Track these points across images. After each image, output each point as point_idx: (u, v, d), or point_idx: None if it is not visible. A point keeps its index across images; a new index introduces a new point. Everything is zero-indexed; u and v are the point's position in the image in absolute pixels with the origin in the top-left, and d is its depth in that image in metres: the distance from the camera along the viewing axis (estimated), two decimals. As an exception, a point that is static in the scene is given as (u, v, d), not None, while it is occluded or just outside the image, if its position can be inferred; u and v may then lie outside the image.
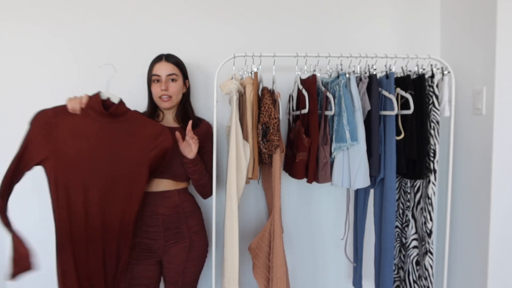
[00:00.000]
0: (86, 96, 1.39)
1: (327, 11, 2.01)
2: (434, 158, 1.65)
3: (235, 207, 1.55)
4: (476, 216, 1.71)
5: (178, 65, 1.68)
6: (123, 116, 1.40)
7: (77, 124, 1.33)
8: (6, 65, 1.89)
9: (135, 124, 1.41)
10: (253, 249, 1.72)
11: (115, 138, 1.36)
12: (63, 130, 1.31)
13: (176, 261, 1.63)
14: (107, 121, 1.36)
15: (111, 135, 1.36)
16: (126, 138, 1.38)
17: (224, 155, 1.91)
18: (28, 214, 1.95)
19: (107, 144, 1.35)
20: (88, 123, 1.34)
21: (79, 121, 1.33)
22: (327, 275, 2.12)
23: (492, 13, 1.60)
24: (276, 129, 1.54)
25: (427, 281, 1.72)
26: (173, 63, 1.67)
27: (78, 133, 1.32)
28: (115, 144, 1.36)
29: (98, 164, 1.35)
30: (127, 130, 1.39)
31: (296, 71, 1.71)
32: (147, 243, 1.60)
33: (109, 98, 1.39)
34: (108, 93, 1.39)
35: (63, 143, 1.31)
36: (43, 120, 1.32)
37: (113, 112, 1.37)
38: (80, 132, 1.32)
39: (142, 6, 1.93)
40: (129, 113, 1.42)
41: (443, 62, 1.68)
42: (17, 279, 1.34)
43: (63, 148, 1.31)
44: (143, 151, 1.40)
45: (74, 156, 1.32)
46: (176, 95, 1.66)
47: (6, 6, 1.87)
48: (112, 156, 1.36)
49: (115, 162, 1.37)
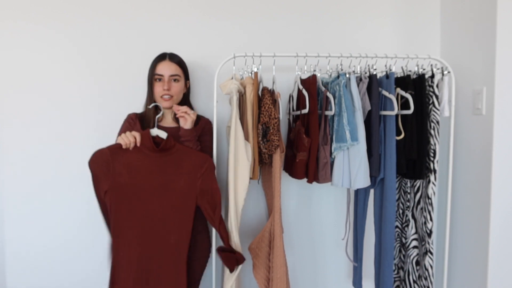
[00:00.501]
0: (139, 134, 1.49)
1: (327, 11, 2.01)
2: (434, 158, 1.65)
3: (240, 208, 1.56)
4: (476, 216, 1.71)
5: (181, 65, 1.69)
6: (171, 149, 1.51)
7: (130, 159, 1.47)
8: (6, 65, 1.89)
9: (182, 156, 1.52)
10: (253, 249, 1.72)
11: (165, 170, 1.49)
12: (119, 165, 1.46)
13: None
14: (157, 155, 1.49)
15: (161, 168, 1.49)
16: (175, 169, 1.50)
17: (224, 155, 1.91)
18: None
19: (158, 176, 1.48)
20: (140, 158, 1.48)
21: (132, 156, 1.48)
22: (327, 275, 2.12)
23: (492, 13, 1.60)
24: (276, 129, 1.54)
25: (427, 281, 1.72)
26: (177, 63, 1.67)
27: (132, 167, 1.47)
28: (165, 176, 1.49)
29: (151, 195, 1.48)
30: (175, 162, 1.51)
31: (296, 71, 1.71)
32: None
33: (158, 135, 1.52)
34: (156, 131, 1.52)
35: (120, 177, 1.46)
36: (101, 159, 1.46)
37: (164, 147, 1.50)
38: (134, 166, 1.47)
39: (143, 5, 1.93)
40: (176, 146, 1.53)
41: (443, 62, 1.68)
42: None
43: (119, 180, 1.46)
44: (190, 180, 1.51)
45: (130, 188, 1.46)
46: (178, 95, 1.66)
47: (6, 6, 1.87)
48: (163, 187, 1.48)
49: (166, 193, 1.49)
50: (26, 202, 1.94)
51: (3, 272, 1.95)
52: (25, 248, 1.95)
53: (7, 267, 1.95)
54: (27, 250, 1.95)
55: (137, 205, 1.46)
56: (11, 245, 1.94)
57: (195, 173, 1.50)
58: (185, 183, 1.49)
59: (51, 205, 1.94)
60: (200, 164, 1.52)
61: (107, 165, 1.45)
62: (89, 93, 1.93)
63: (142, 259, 1.47)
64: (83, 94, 1.92)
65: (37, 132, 1.91)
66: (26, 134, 1.91)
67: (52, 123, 1.92)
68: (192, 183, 1.50)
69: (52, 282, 1.97)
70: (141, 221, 1.47)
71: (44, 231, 1.95)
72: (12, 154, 1.92)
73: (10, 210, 1.94)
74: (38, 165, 1.92)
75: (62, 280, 1.98)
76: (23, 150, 1.91)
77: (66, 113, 1.92)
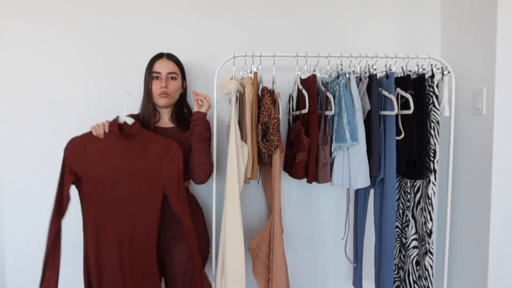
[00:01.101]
0: (108, 122, 1.54)
1: (327, 11, 2.01)
2: (434, 158, 1.65)
3: (238, 208, 1.55)
4: (476, 216, 1.71)
5: (178, 64, 1.69)
6: (137, 136, 1.55)
7: (101, 147, 1.52)
8: (6, 65, 1.89)
9: (148, 142, 1.56)
10: (253, 249, 1.72)
11: (133, 157, 1.53)
12: (90, 153, 1.51)
13: (177, 261, 1.62)
14: (125, 141, 1.54)
15: (129, 154, 1.53)
16: (142, 155, 1.54)
17: (224, 155, 1.91)
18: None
19: (126, 163, 1.52)
20: (109, 145, 1.52)
21: (103, 143, 1.52)
22: (327, 275, 2.12)
23: (492, 13, 1.60)
24: (276, 129, 1.54)
25: (427, 281, 1.72)
26: (174, 62, 1.67)
27: (102, 154, 1.51)
28: (133, 162, 1.53)
29: (120, 181, 1.51)
30: (142, 148, 1.54)
31: (296, 71, 1.71)
32: None
33: (125, 121, 1.55)
34: (124, 118, 1.55)
35: (91, 164, 1.50)
36: (74, 146, 1.51)
37: (127, 132, 1.54)
38: (104, 154, 1.51)
39: (143, 5, 1.93)
40: (143, 133, 1.57)
41: (443, 62, 1.68)
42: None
43: (91, 168, 1.50)
44: (158, 165, 1.54)
45: (101, 175, 1.50)
46: (175, 93, 1.66)
47: (6, 6, 1.87)
48: (131, 173, 1.52)
49: (135, 179, 1.52)
50: (26, 201, 1.94)
51: (3, 270, 1.95)
52: (25, 247, 1.95)
53: (7, 266, 1.95)
54: (27, 248, 1.95)
55: (108, 192, 1.50)
56: (11, 243, 1.95)
57: (162, 158, 1.53)
58: (153, 168, 1.53)
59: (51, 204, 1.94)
60: (166, 149, 1.54)
61: (80, 153, 1.50)
62: (89, 93, 1.93)
63: (115, 243, 1.51)
64: (83, 94, 1.92)
65: (36, 131, 1.91)
66: (25, 133, 1.91)
67: (51, 122, 1.92)
68: (159, 169, 1.53)
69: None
70: (112, 207, 1.50)
71: (44, 230, 1.95)
72: (12, 154, 1.92)
73: (10, 210, 1.94)
74: (37, 164, 1.92)
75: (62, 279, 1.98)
76: (22, 149, 1.91)
77: (66, 113, 1.92)
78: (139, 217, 1.52)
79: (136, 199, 1.52)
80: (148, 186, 1.52)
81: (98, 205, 1.50)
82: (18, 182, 1.92)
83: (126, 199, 1.51)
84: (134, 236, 1.52)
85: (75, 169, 1.49)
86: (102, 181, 1.50)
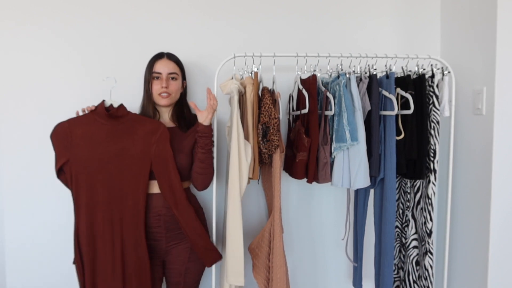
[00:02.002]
0: (93, 106, 1.57)
1: (327, 11, 2.01)
2: (434, 158, 1.65)
3: (239, 208, 1.55)
4: (476, 216, 1.71)
5: (178, 64, 1.69)
6: (124, 117, 1.58)
7: (88, 130, 1.54)
8: (7, 65, 1.89)
9: (135, 123, 1.58)
10: (253, 249, 1.72)
11: (120, 138, 1.55)
12: (77, 136, 1.53)
13: (178, 261, 1.63)
14: (112, 123, 1.55)
15: (116, 136, 1.55)
16: (129, 136, 1.56)
17: (223, 155, 1.91)
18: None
19: (113, 144, 1.54)
20: (97, 128, 1.54)
21: (90, 127, 1.54)
22: (327, 275, 2.12)
23: (492, 13, 1.60)
24: (276, 129, 1.54)
25: (427, 281, 1.72)
26: (175, 62, 1.67)
27: (89, 137, 1.53)
28: (121, 143, 1.55)
29: (108, 163, 1.53)
30: (129, 130, 1.57)
31: (296, 71, 1.71)
32: (149, 244, 1.59)
33: (112, 104, 1.58)
34: (111, 100, 1.58)
35: (78, 147, 1.52)
36: (61, 131, 1.53)
37: (114, 114, 1.55)
38: (91, 137, 1.53)
39: (142, 5, 1.93)
40: (129, 115, 1.59)
41: (443, 62, 1.68)
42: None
43: (79, 151, 1.52)
44: (145, 145, 1.56)
45: (89, 157, 1.52)
46: (175, 93, 1.66)
47: (6, 6, 1.86)
48: (119, 154, 1.54)
49: (123, 160, 1.54)
50: (26, 201, 1.94)
51: (3, 269, 1.95)
52: (25, 246, 1.95)
53: (6, 265, 1.95)
54: (26, 247, 1.95)
55: (97, 174, 1.52)
56: (10, 243, 1.94)
57: (149, 139, 1.56)
58: (140, 149, 1.55)
59: (51, 204, 1.94)
60: (153, 130, 1.57)
61: (67, 138, 1.52)
62: (88, 93, 1.92)
63: (105, 224, 1.53)
64: (80, 95, 1.92)
65: (36, 131, 1.91)
66: (25, 133, 1.91)
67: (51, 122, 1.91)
68: (146, 149, 1.55)
69: (52, 279, 1.97)
70: (101, 188, 1.52)
71: (44, 229, 1.95)
72: (12, 154, 1.92)
73: (10, 210, 1.94)
74: (37, 164, 1.92)
75: (63, 277, 1.98)
76: (22, 149, 1.91)
77: (66, 113, 1.91)
78: (127, 196, 1.54)
79: (124, 178, 1.54)
80: (135, 165, 1.55)
81: (88, 187, 1.52)
82: (18, 182, 1.92)
83: (115, 179, 1.53)
84: (123, 215, 1.54)
85: (63, 152, 1.51)
86: (91, 163, 1.52)
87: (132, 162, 1.54)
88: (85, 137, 1.52)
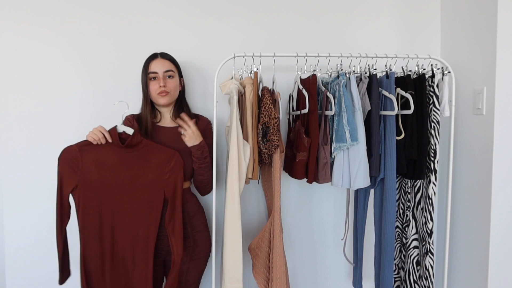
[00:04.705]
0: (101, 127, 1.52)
1: (327, 10, 2.00)
2: (434, 158, 1.65)
3: (237, 208, 1.55)
4: (477, 216, 1.71)
5: (173, 62, 1.70)
6: (138, 145, 1.55)
7: (99, 155, 1.51)
8: (7, 65, 1.89)
9: (150, 151, 1.56)
10: (253, 249, 1.72)
11: (133, 166, 1.53)
12: (88, 161, 1.50)
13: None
14: (125, 151, 1.53)
15: (129, 163, 1.53)
16: (143, 165, 1.54)
17: (223, 155, 1.91)
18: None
19: (126, 172, 1.52)
20: (109, 154, 1.51)
21: (101, 152, 1.51)
22: (327, 275, 2.11)
23: (493, 13, 1.60)
24: (276, 129, 1.54)
25: (428, 281, 1.71)
26: (169, 60, 1.68)
27: (101, 163, 1.50)
28: (133, 171, 1.53)
29: (120, 190, 1.51)
30: (143, 158, 1.54)
31: (296, 71, 1.71)
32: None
33: (125, 131, 1.54)
34: (123, 127, 1.55)
35: (89, 173, 1.49)
36: (69, 155, 1.49)
37: (129, 144, 1.53)
38: (103, 162, 1.51)
39: (142, 5, 1.93)
40: (143, 142, 1.56)
41: (444, 62, 1.68)
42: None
43: (88, 177, 1.49)
44: (158, 174, 1.54)
45: (99, 184, 1.50)
46: (174, 91, 1.67)
47: (7, 6, 1.86)
48: (131, 182, 1.52)
49: (135, 188, 1.53)
50: (26, 201, 1.94)
51: (3, 270, 1.95)
52: (25, 246, 1.95)
53: (6, 266, 1.95)
54: (26, 248, 1.95)
55: (106, 201, 1.50)
56: (10, 243, 1.94)
57: (163, 168, 1.54)
58: (153, 178, 1.53)
59: (51, 204, 1.93)
60: (168, 158, 1.55)
61: (75, 162, 1.49)
62: (87, 93, 1.93)
63: (114, 253, 1.51)
64: (80, 94, 1.92)
65: (35, 131, 1.91)
66: (25, 133, 1.91)
67: (51, 122, 1.92)
68: (159, 178, 1.53)
69: (52, 279, 1.97)
70: (111, 216, 1.50)
71: (43, 229, 1.95)
72: (12, 154, 1.92)
73: (10, 210, 1.94)
74: (37, 164, 1.92)
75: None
76: (22, 149, 1.91)
77: (65, 112, 1.92)
78: (138, 224, 1.52)
79: (135, 206, 1.51)
80: (147, 194, 1.52)
81: (98, 214, 1.50)
82: (18, 182, 1.92)
83: (125, 207, 1.51)
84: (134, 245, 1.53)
85: (71, 178, 1.49)
86: (101, 189, 1.49)
87: (145, 191, 1.53)
88: (97, 162, 1.50)
